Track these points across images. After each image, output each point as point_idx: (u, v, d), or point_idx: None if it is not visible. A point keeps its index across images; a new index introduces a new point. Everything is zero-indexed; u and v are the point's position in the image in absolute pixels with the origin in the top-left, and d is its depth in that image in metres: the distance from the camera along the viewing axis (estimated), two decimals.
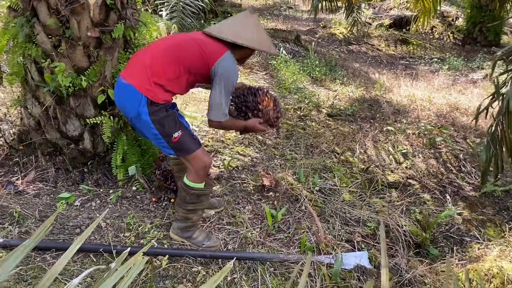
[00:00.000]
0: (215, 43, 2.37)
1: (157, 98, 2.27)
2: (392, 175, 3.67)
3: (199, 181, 2.44)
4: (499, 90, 2.94)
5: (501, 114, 2.98)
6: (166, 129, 2.31)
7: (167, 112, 2.34)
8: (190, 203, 2.50)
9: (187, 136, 2.37)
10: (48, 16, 2.79)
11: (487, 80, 7.58)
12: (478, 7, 10.52)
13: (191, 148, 2.36)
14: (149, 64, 2.28)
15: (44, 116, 3.00)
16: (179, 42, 2.37)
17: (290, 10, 14.75)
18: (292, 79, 6.40)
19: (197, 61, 2.31)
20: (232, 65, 2.35)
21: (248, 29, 2.44)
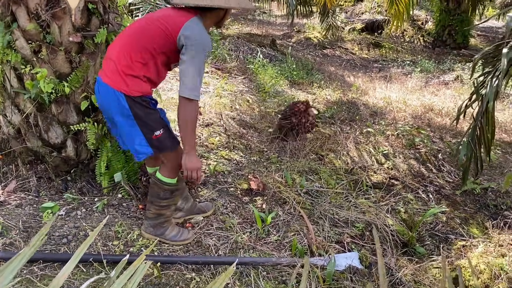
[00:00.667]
0: (180, 12, 2.23)
1: (134, 92, 2.18)
2: (375, 176, 3.73)
3: (174, 176, 2.45)
4: (479, 91, 3.03)
5: (480, 114, 3.07)
6: (148, 126, 2.25)
7: (149, 108, 2.26)
8: (164, 199, 2.49)
9: (168, 134, 2.33)
10: (27, 21, 2.71)
11: (458, 81, 7.81)
12: (447, 11, 10.85)
13: (171, 146, 2.34)
14: (117, 56, 2.19)
15: (25, 124, 2.91)
16: (142, 25, 2.24)
17: (264, 15, 14.84)
18: (271, 83, 6.43)
19: (162, 40, 2.17)
20: (198, 30, 2.16)
21: None
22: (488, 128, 3.01)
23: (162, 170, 2.44)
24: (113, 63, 2.20)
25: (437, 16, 11.34)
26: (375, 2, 13.02)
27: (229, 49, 8.03)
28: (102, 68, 2.31)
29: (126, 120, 2.24)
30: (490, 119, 2.96)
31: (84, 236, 2.53)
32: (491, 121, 2.94)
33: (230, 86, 5.91)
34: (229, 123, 4.53)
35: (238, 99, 5.38)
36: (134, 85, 2.19)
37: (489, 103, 2.90)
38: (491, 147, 3.08)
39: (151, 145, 2.30)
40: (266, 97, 5.77)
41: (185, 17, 2.18)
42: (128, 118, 2.24)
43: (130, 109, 2.20)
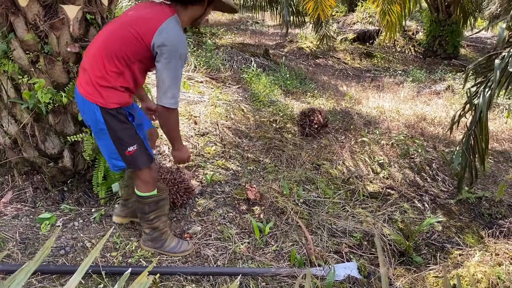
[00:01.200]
0: (155, 11, 2.09)
1: (109, 103, 2.10)
2: (371, 185, 3.75)
3: (152, 189, 2.42)
4: (472, 101, 3.07)
5: (474, 124, 3.11)
6: (121, 140, 2.20)
7: (125, 123, 2.19)
8: (150, 212, 2.46)
9: (142, 151, 2.28)
10: (25, 31, 2.71)
11: (450, 91, 7.90)
12: (437, 21, 11.01)
13: (143, 163, 2.30)
14: (90, 65, 2.09)
15: (21, 134, 2.89)
16: (115, 29, 2.11)
17: (256, 25, 14.93)
18: (265, 92, 6.45)
19: (136, 47, 2.06)
20: (173, 34, 2.03)
21: None
22: (482, 138, 3.05)
23: (139, 186, 2.39)
24: (87, 73, 2.11)
25: (427, 26, 11.50)
26: (367, 13, 13.16)
27: (223, 59, 8.06)
28: (78, 77, 2.23)
29: (100, 133, 2.20)
30: (483, 128, 3.00)
31: (81, 248, 2.51)
32: (484, 131, 2.98)
33: (224, 95, 5.92)
34: (225, 132, 4.53)
35: (233, 109, 5.40)
36: (110, 97, 2.10)
37: (482, 113, 2.95)
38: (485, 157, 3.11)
39: (124, 160, 2.26)
40: (261, 106, 5.79)
41: (159, 19, 2.04)
42: (101, 131, 2.18)
43: (105, 122, 2.13)
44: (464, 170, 3.27)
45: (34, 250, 2.42)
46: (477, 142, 3.18)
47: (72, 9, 2.74)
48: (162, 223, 2.54)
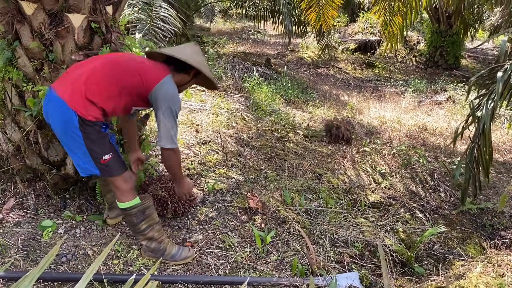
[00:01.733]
0: (155, 66, 2.37)
1: (87, 115, 2.18)
2: (373, 195, 3.75)
3: (131, 198, 2.41)
4: (475, 113, 3.08)
5: (477, 136, 3.11)
6: (96, 149, 2.25)
7: (100, 133, 2.26)
8: (140, 223, 2.45)
9: (116, 159, 2.33)
10: (31, 39, 2.73)
11: (451, 101, 7.93)
12: (438, 32, 11.08)
13: (117, 171, 2.33)
14: (85, 80, 2.19)
15: (25, 141, 2.90)
16: (118, 61, 2.33)
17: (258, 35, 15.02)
18: (267, 101, 6.48)
19: (135, 84, 2.26)
20: (172, 89, 2.31)
21: (199, 56, 2.47)
22: (485, 150, 3.05)
23: (118, 197, 2.40)
24: (78, 83, 2.19)
25: (429, 37, 11.57)
26: (368, 23, 13.25)
27: (224, 68, 8.10)
28: (60, 80, 2.29)
29: (73, 139, 2.22)
30: (487, 141, 3.00)
31: (83, 255, 2.51)
32: (488, 143, 2.98)
33: (226, 104, 5.94)
34: (227, 141, 4.54)
35: (235, 117, 5.41)
36: (91, 111, 2.19)
37: (485, 125, 2.95)
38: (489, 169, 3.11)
39: (99, 168, 2.29)
40: (262, 115, 5.81)
41: (160, 74, 2.31)
42: (75, 138, 2.21)
43: (80, 130, 2.19)
44: (468, 182, 3.26)
45: (36, 257, 2.41)
46: (480, 155, 3.17)
47: (77, 17, 2.76)
48: (156, 232, 2.53)
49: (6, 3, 2.67)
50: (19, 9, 2.69)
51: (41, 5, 2.68)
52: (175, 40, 8.34)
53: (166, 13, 6.42)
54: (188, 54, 2.41)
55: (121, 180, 2.35)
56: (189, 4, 8.96)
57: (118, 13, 3.11)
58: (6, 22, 2.72)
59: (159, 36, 6.92)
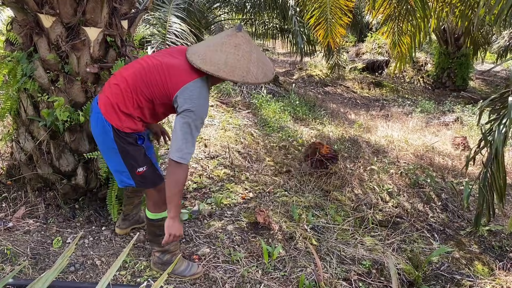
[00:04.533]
0: (185, 67, 2.13)
1: (122, 127, 2.17)
2: (380, 214, 3.74)
3: (162, 210, 2.41)
4: (487, 138, 3.08)
5: (490, 161, 3.10)
6: (131, 161, 2.24)
7: (136, 145, 2.24)
8: (161, 235, 2.40)
9: (152, 171, 2.32)
10: (47, 51, 2.79)
11: (459, 123, 7.93)
12: (446, 54, 11.14)
13: (154, 182, 2.33)
14: (114, 90, 2.18)
15: (37, 151, 2.94)
16: (145, 66, 2.18)
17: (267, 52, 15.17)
18: (275, 118, 6.52)
19: (160, 92, 2.13)
20: (197, 96, 2.08)
21: (222, 51, 2.08)
22: (499, 175, 3.03)
23: (148, 206, 2.42)
24: (109, 93, 2.19)
25: (436, 58, 11.63)
26: (376, 43, 13.36)
27: (233, 84, 8.17)
28: (102, 88, 2.30)
29: (110, 151, 2.25)
30: (500, 166, 2.99)
31: (91, 265, 2.52)
32: (501, 168, 2.97)
33: (235, 119, 5.99)
34: (235, 156, 4.57)
35: (243, 133, 5.45)
36: (127, 122, 2.18)
37: (498, 151, 2.94)
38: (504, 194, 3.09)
39: (134, 179, 2.30)
40: (270, 132, 5.84)
41: (187, 76, 2.10)
42: (112, 150, 2.23)
43: (115, 142, 2.19)
44: (482, 207, 3.24)
45: (45, 265, 2.43)
46: (494, 180, 3.15)
47: (93, 31, 2.83)
48: (173, 246, 2.54)
49: (26, 15, 2.75)
50: (38, 22, 2.77)
51: (59, 18, 2.75)
52: None
53: (179, 28, 6.53)
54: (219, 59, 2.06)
55: (155, 191, 2.36)
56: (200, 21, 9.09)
57: (133, 27, 3.18)
58: (25, 34, 2.80)
59: None
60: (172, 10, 6.91)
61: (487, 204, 3.10)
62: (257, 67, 2.11)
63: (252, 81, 2.10)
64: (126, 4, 3.04)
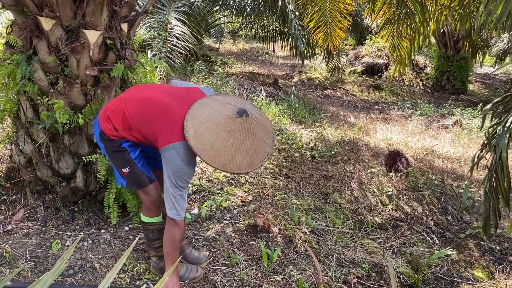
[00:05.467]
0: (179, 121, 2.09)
1: (108, 133, 2.26)
2: (380, 217, 3.74)
3: (153, 215, 2.43)
4: (490, 142, 3.07)
5: (494, 165, 3.09)
6: (116, 162, 2.33)
7: (119, 147, 2.28)
8: (154, 240, 2.47)
9: (136, 173, 2.33)
10: (47, 54, 2.80)
11: (458, 125, 7.93)
12: (445, 57, 11.15)
13: (140, 183, 2.35)
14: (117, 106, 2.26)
15: (37, 154, 2.94)
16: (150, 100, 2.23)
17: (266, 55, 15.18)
18: (274, 121, 6.52)
19: (148, 131, 2.20)
20: (175, 159, 2.08)
21: (214, 132, 2.01)
22: (503, 178, 3.02)
23: (143, 209, 2.46)
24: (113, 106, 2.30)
25: (436, 61, 11.64)
26: (375, 47, 13.37)
27: (233, 87, 8.18)
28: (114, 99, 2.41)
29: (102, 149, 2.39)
30: (505, 169, 2.98)
31: (90, 268, 2.51)
32: (506, 172, 2.96)
33: None
34: None
35: None
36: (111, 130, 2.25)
37: (502, 155, 2.93)
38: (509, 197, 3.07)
39: (123, 178, 2.36)
40: None
41: (174, 135, 2.08)
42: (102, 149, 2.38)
43: (101, 142, 2.31)
44: (489, 212, 3.22)
45: (44, 268, 2.42)
46: (499, 183, 3.14)
47: (93, 34, 2.83)
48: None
49: (26, 18, 2.75)
50: (38, 25, 2.77)
51: (59, 21, 2.75)
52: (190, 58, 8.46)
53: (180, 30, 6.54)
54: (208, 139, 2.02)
55: (142, 193, 2.38)
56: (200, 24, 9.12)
57: (132, 30, 3.19)
58: (25, 37, 2.80)
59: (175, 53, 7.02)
60: (173, 13, 6.93)
61: (493, 209, 3.08)
62: (244, 156, 2.04)
63: (231, 171, 2.06)
64: (126, 7, 3.05)
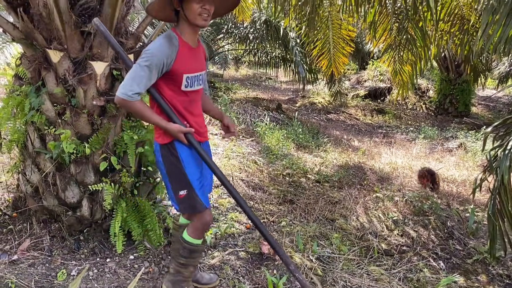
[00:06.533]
0: None
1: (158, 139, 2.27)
2: (386, 242, 3.72)
3: (197, 237, 2.44)
4: (492, 165, 3.08)
5: (497, 188, 3.08)
6: (174, 184, 2.29)
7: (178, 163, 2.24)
8: (183, 257, 2.47)
9: (192, 196, 2.29)
10: (55, 85, 2.86)
11: (462, 148, 7.93)
12: (447, 80, 11.24)
13: (196, 208, 2.33)
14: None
15: (43, 183, 2.97)
16: None
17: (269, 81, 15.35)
18: (278, 145, 6.55)
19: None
20: (154, 42, 2.13)
21: None
22: (507, 201, 3.01)
23: (189, 228, 2.44)
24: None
25: (438, 85, 11.73)
26: (378, 71, 13.50)
27: (237, 113, 8.26)
28: None
29: (163, 177, 2.36)
30: (508, 192, 2.97)
31: None
32: (510, 195, 2.96)
33: (238, 148, 6.02)
34: (239, 185, 4.58)
35: (247, 161, 5.48)
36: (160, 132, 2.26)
37: (504, 177, 2.94)
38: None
39: (177, 203, 2.35)
40: (274, 160, 5.86)
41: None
42: (163, 174, 2.34)
43: (163, 161, 2.28)
44: (493, 236, 3.20)
45: None
46: (503, 206, 3.13)
47: (100, 65, 2.90)
48: (188, 272, 2.54)
49: (35, 51, 2.83)
50: (46, 57, 2.84)
51: (67, 53, 2.83)
52: None
53: None
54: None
55: (198, 217, 2.37)
56: None
57: None
58: (33, 69, 2.88)
59: None
60: None
61: (501, 233, 3.05)
62: None
63: None
64: (132, 39, 3.12)
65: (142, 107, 2.14)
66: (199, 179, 2.33)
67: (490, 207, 3.04)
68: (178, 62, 2.14)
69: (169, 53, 2.09)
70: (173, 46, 2.11)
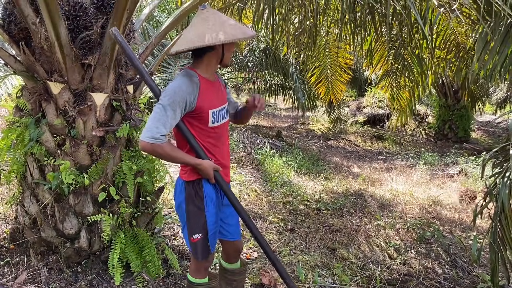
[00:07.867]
0: None
1: (185, 176, 2.22)
2: (388, 271, 3.66)
3: (200, 277, 2.38)
4: (492, 192, 3.06)
5: (498, 214, 3.06)
6: (191, 225, 2.23)
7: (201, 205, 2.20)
8: None
9: (204, 242, 2.25)
10: (55, 116, 2.88)
11: (463, 174, 7.90)
12: (446, 106, 11.32)
13: (203, 255, 2.28)
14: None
15: (42, 214, 2.95)
16: None
17: (269, 108, 15.45)
18: (278, 173, 6.54)
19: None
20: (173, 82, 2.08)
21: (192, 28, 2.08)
22: (508, 228, 2.98)
23: (190, 269, 2.40)
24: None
25: (437, 111, 11.80)
26: (376, 97, 13.61)
27: (237, 140, 8.28)
28: None
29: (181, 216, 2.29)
30: (509, 219, 2.95)
31: None
32: (510, 221, 2.93)
33: (238, 176, 6.01)
34: None
35: (246, 189, 5.45)
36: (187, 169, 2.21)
37: (504, 204, 2.92)
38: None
39: (189, 244, 2.29)
40: (274, 187, 5.84)
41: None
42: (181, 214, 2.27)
43: (186, 199, 2.21)
44: (495, 263, 3.15)
45: None
46: (504, 234, 3.09)
47: (100, 96, 2.93)
48: None
49: (36, 83, 2.86)
50: (47, 89, 2.87)
51: (68, 85, 2.86)
52: None
53: None
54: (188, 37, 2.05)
55: (200, 263, 2.33)
56: None
57: (138, 91, 3.29)
58: (34, 100, 2.90)
59: None
60: (178, 71, 7.15)
61: (503, 261, 3.01)
62: (233, 28, 2.05)
63: (226, 38, 1.99)
64: (132, 70, 3.16)
65: (171, 148, 2.07)
66: (215, 223, 2.29)
67: (491, 234, 3.01)
68: (202, 98, 2.10)
69: (191, 90, 2.05)
70: (194, 83, 2.07)
